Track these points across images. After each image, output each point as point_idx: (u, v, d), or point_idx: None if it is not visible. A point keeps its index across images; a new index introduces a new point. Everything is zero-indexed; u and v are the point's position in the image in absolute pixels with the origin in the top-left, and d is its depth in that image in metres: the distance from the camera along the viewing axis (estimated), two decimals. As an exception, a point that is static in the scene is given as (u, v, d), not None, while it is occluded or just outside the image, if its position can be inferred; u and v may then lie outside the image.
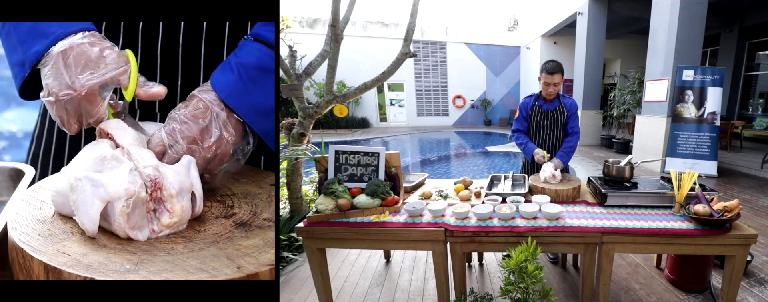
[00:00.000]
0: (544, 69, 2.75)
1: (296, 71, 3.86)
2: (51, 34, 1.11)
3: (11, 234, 1.04)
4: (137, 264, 0.97)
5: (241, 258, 1.01)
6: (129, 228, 1.04)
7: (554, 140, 2.92)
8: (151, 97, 1.17)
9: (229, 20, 1.35)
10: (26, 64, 1.13)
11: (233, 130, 1.19)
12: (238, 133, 1.20)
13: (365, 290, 2.75)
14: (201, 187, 1.14)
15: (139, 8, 1.22)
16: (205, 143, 1.16)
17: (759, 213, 4.37)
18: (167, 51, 1.37)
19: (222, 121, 1.17)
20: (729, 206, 1.96)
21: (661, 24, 6.99)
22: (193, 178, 1.12)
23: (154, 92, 1.17)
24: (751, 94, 11.44)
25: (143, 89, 1.16)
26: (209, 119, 1.16)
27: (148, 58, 1.37)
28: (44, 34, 1.11)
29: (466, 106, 18.73)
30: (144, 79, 1.17)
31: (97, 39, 1.14)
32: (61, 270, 0.94)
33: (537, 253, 1.79)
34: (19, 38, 1.15)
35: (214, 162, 1.19)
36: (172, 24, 1.35)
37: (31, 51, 1.11)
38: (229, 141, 1.18)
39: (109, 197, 1.02)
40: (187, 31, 1.35)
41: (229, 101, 1.17)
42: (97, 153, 1.09)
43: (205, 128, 1.16)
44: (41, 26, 1.12)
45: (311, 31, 15.24)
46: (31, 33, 1.13)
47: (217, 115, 1.17)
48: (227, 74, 1.20)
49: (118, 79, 1.13)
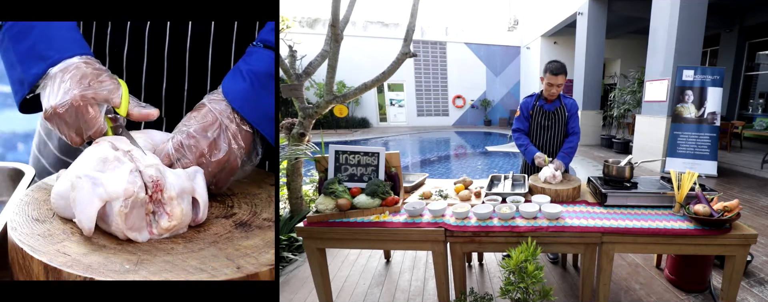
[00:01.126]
0: (547, 69, 2.74)
1: (296, 71, 3.86)
2: (49, 58, 1.15)
3: (11, 234, 1.04)
4: (137, 264, 0.97)
5: (240, 258, 1.01)
6: (127, 228, 1.03)
7: (555, 140, 2.92)
8: (143, 117, 1.19)
9: (228, 20, 1.35)
10: (25, 84, 1.17)
11: (243, 142, 1.19)
12: (247, 144, 1.20)
13: (365, 290, 2.75)
14: (206, 196, 1.13)
15: (139, 8, 1.22)
16: (213, 157, 1.16)
17: (759, 213, 4.37)
18: (174, 56, 1.37)
19: (231, 133, 1.17)
20: (729, 206, 1.96)
21: (661, 24, 6.99)
22: (199, 187, 1.12)
23: (147, 113, 1.19)
24: (751, 94, 11.44)
25: (136, 109, 1.18)
26: (218, 132, 1.16)
27: (155, 63, 1.37)
28: (43, 57, 1.16)
29: (466, 106, 18.73)
30: (136, 101, 1.20)
31: (93, 62, 1.18)
32: (61, 271, 0.94)
33: (537, 253, 1.79)
34: (18, 58, 1.18)
35: (222, 174, 1.19)
36: (179, 28, 1.35)
37: (29, 72, 1.16)
38: (238, 154, 1.18)
39: (108, 196, 1.02)
40: (195, 36, 1.35)
41: (242, 110, 1.18)
42: (99, 154, 1.10)
43: (213, 142, 1.16)
44: (39, 48, 1.17)
45: (311, 31, 15.24)
46: (30, 54, 1.17)
47: (226, 127, 1.17)
48: (239, 82, 1.19)
49: (111, 98, 1.15)
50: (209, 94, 1.22)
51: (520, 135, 2.93)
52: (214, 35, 1.36)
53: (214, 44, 1.36)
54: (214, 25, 1.35)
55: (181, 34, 1.35)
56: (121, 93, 1.16)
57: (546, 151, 2.92)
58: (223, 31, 1.36)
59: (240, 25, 1.36)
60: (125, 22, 1.37)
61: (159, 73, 1.38)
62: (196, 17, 1.32)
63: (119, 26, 1.38)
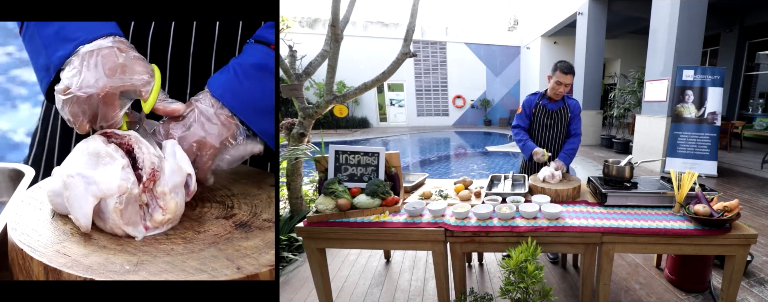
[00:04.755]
0: (558, 68, 2.74)
1: (296, 71, 3.86)
2: (76, 39, 1.09)
3: (11, 234, 1.03)
4: (137, 265, 0.97)
5: (240, 258, 1.01)
6: (123, 224, 1.04)
7: (556, 140, 2.91)
8: (169, 113, 1.16)
9: (228, 20, 1.35)
10: (51, 68, 1.11)
11: (221, 125, 1.18)
12: (225, 125, 1.18)
13: (365, 290, 2.75)
14: (191, 166, 1.13)
15: (139, 8, 1.22)
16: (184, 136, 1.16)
17: (759, 213, 4.37)
18: (177, 59, 1.36)
19: (206, 116, 1.17)
20: (729, 206, 1.96)
21: (661, 24, 6.99)
22: (181, 160, 1.12)
23: (173, 108, 1.16)
24: (751, 94, 11.44)
25: (162, 104, 1.16)
26: (190, 115, 1.17)
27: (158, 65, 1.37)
28: (68, 38, 1.10)
29: (466, 106, 18.73)
30: (165, 95, 1.17)
31: (126, 46, 1.13)
32: (61, 271, 0.94)
33: (537, 253, 1.79)
34: (43, 42, 1.13)
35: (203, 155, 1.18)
36: (183, 31, 1.35)
37: (55, 55, 1.10)
38: (215, 133, 1.17)
39: (102, 194, 1.02)
40: (198, 39, 1.35)
41: (223, 98, 1.18)
42: (91, 150, 1.08)
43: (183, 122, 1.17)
44: (66, 30, 1.11)
45: (311, 31, 15.24)
46: (56, 37, 1.11)
47: (201, 111, 1.17)
48: (223, 74, 1.21)
49: (140, 90, 1.11)
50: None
51: (519, 130, 2.91)
52: (218, 39, 1.35)
53: (217, 48, 1.36)
54: (219, 27, 1.34)
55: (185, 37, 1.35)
56: (153, 86, 1.13)
57: (546, 149, 2.90)
58: (227, 35, 1.35)
59: (244, 27, 1.36)
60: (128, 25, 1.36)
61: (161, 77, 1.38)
62: (196, 17, 1.32)
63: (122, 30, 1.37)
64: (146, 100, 1.13)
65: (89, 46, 1.09)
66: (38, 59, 1.15)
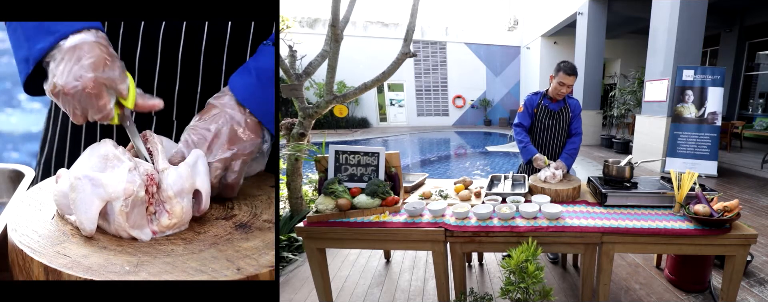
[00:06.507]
0: (562, 69, 2.73)
1: (296, 71, 3.86)
2: (56, 32, 1.11)
3: (11, 235, 1.04)
4: (137, 265, 0.97)
5: (240, 259, 1.01)
6: (129, 227, 1.04)
7: (557, 140, 2.91)
8: (149, 107, 1.19)
9: (228, 20, 1.34)
10: (30, 60, 1.13)
11: (249, 130, 1.19)
12: (255, 133, 1.20)
13: (365, 290, 2.75)
14: (208, 184, 1.13)
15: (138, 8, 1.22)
16: (219, 146, 1.17)
17: (759, 213, 4.37)
18: (188, 58, 1.36)
19: (236, 122, 1.19)
20: (729, 206, 1.96)
21: (661, 24, 6.98)
22: (200, 174, 1.12)
23: (152, 103, 1.19)
24: (751, 94, 11.44)
25: (141, 99, 1.18)
26: (221, 122, 1.18)
27: (168, 65, 1.37)
28: (49, 31, 1.11)
29: (466, 106, 18.73)
30: (141, 92, 1.19)
31: (107, 44, 1.15)
32: (61, 272, 0.94)
33: (537, 253, 1.79)
34: (25, 34, 1.14)
35: (235, 163, 1.19)
36: (194, 31, 1.34)
37: (35, 48, 1.11)
38: (243, 139, 1.19)
39: (108, 196, 1.03)
40: (210, 38, 1.35)
41: (248, 103, 1.19)
42: (100, 152, 1.10)
43: (218, 132, 1.18)
44: (47, 23, 1.13)
45: (311, 31, 15.24)
46: (38, 29, 1.13)
47: (231, 117, 1.18)
48: (245, 77, 1.21)
49: (119, 88, 1.13)
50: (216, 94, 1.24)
51: (520, 130, 2.89)
52: (230, 38, 1.35)
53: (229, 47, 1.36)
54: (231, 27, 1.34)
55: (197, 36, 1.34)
56: (129, 84, 1.15)
57: (547, 150, 2.90)
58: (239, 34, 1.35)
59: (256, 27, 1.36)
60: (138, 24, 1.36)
61: (172, 76, 1.37)
62: (196, 17, 1.32)
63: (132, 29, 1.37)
64: (126, 97, 1.14)
65: (73, 39, 1.10)
66: (19, 51, 1.16)
